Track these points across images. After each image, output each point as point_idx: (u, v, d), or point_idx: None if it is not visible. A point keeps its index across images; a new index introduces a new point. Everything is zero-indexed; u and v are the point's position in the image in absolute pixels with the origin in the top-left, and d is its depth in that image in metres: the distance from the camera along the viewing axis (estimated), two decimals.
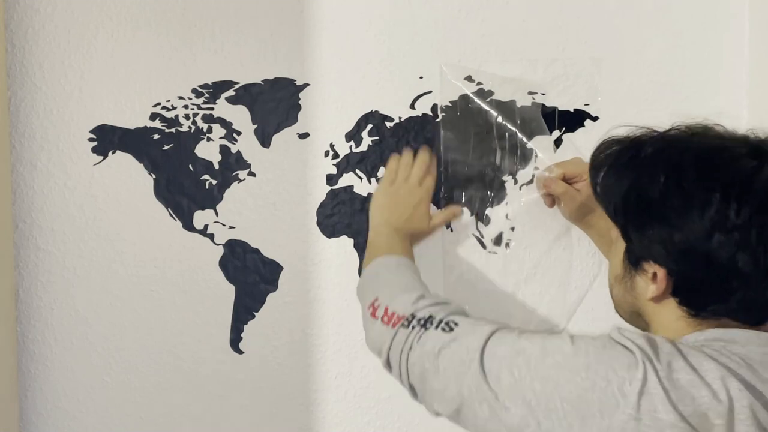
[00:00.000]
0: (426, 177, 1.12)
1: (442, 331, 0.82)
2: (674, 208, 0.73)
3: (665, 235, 0.73)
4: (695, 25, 1.17)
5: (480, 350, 0.78)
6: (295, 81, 1.15)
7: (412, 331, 0.84)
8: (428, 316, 0.85)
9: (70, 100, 1.14)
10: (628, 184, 0.78)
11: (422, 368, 0.82)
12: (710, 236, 0.71)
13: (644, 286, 0.78)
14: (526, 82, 1.16)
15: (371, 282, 0.98)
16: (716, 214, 0.71)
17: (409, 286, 0.93)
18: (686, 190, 0.73)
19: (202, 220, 1.17)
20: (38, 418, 1.18)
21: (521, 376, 0.74)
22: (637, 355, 0.70)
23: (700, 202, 0.72)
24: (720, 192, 0.71)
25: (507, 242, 1.18)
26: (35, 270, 1.16)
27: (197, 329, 1.18)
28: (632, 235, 0.78)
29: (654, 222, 0.75)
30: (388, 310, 0.89)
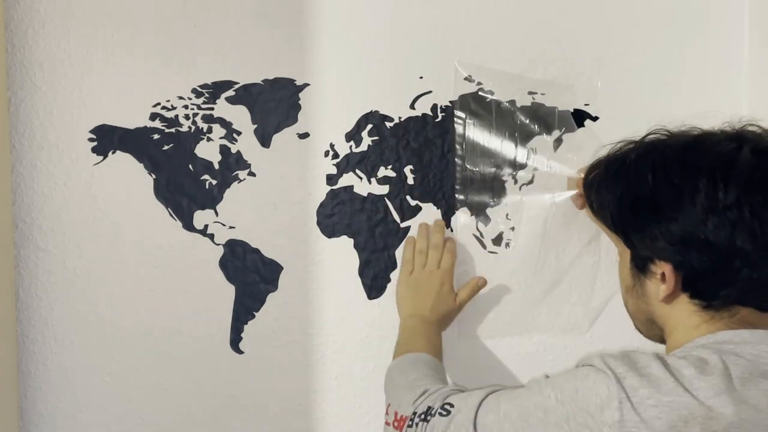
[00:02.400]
0: (444, 256, 1.12)
1: (441, 416, 0.84)
2: (666, 201, 0.75)
3: (664, 229, 0.75)
4: (695, 25, 1.17)
5: (473, 423, 0.80)
6: (295, 81, 1.15)
7: (417, 428, 0.87)
8: (426, 408, 0.87)
9: (70, 100, 1.13)
10: (621, 192, 0.81)
11: None
12: (705, 221, 0.72)
13: (654, 288, 0.79)
14: (526, 82, 1.16)
15: (387, 387, 1.00)
16: (706, 199, 0.73)
17: (414, 384, 0.93)
18: (673, 181, 0.75)
19: (202, 220, 1.17)
20: (38, 418, 1.18)
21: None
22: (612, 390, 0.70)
23: (689, 190, 0.74)
24: (705, 176, 0.73)
25: (507, 242, 1.18)
26: (35, 270, 1.16)
27: (197, 329, 1.18)
28: (633, 238, 0.80)
29: (651, 219, 0.77)
30: (396, 414, 0.92)
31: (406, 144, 1.17)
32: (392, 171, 1.17)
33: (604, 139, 1.15)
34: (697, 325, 0.77)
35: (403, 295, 1.13)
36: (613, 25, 1.17)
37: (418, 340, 1.05)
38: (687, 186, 0.74)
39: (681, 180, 0.75)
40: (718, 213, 0.72)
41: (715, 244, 0.72)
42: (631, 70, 1.17)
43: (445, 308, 1.10)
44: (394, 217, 1.18)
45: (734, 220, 0.72)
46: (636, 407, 0.69)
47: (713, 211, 0.72)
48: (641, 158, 0.80)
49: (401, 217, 1.18)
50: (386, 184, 1.18)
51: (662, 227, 0.75)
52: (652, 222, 0.76)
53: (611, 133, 1.15)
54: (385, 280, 1.18)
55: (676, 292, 0.77)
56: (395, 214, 1.18)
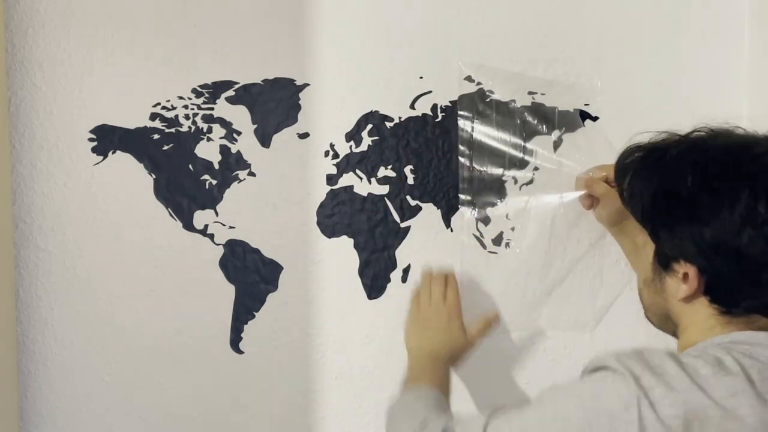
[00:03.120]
0: (447, 291, 1.09)
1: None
2: (704, 205, 0.75)
3: (696, 233, 0.75)
4: (695, 26, 1.17)
5: None
6: (295, 81, 1.15)
7: None
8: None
9: (70, 100, 1.14)
10: (656, 185, 0.80)
11: None
12: (741, 232, 0.72)
13: (675, 287, 0.79)
14: (526, 81, 1.16)
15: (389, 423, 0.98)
16: (746, 210, 0.72)
17: (414, 415, 0.92)
18: (714, 187, 0.75)
19: (202, 220, 1.17)
20: (38, 418, 1.18)
21: None
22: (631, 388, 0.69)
23: (729, 199, 0.73)
24: (748, 188, 0.73)
25: (507, 242, 1.18)
26: (35, 270, 1.16)
27: (197, 329, 1.18)
28: (662, 235, 0.79)
29: (684, 220, 0.76)
30: None
31: (406, 144, 1.17)
32: (392, 171, 1.17)
33: (603, 139, 1.16)
34: (712, 326, 0.77)
35: (410, 332, 1.09)
36: (613, 25, 1.17)
37: (424, 376, 1.02)
38: (727, 194, 0.73)
39: (722, 186, 0.74)
40: (755, 226, 0.72)
41: (747, 255, 0.72)
42: (631, 70, 1.17)
43: (455, 344, 1.06)
44: (394, 217, 1.18)
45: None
46: (653, 405, 0.68)
47: (751, 223, 0.72)
48: (683, 155, 0.79)
49: (401, 217, 1.18)
50: (386, 184, 1.18)
51: (694, 229, 0.75)
52: (684, 222, 0.76)
53: (611, 133, 1.16)
54: (385, 280, 1.18)
55: (697, 294, 0.77)
56: (395, 214, 1.18)
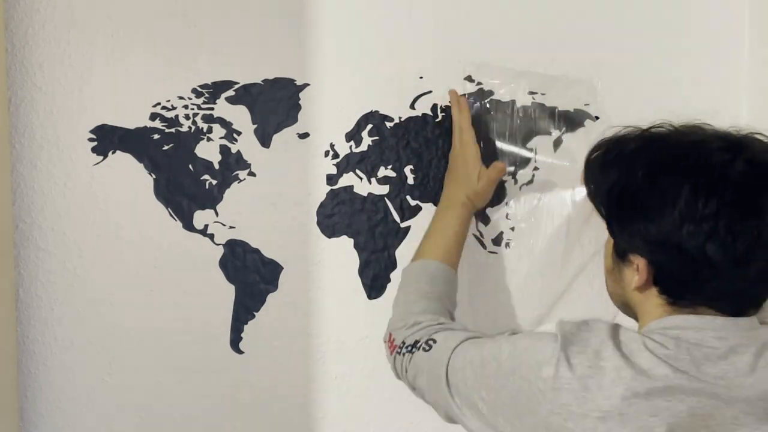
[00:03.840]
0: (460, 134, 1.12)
1: (423, 351, 0.90)
2: (649, 201, 0.77)
3: (642, 228, 0.77)
4: (695, 26, 1.17)
5: (446, 365, 0.86)
6: (295, 81, 1.15)
7: (404, 358, 0.93)
8: (413, 341, 0.93)
9: (70, 100, 1.13)
10: (612, 181, 0.82)
11: (418, 386, 0.92)
12: (680, 227, 0.74)
13: (630, 277, 0.82)
14: (526, 82, 1.16)
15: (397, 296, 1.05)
16: (685, 206, 0.74)
17: (408, 310, 0.99)
18: (659, 184, 0.77)
19: (202, 220, 1.17)
20: (38, 418, 1.18)
21: (472, 386, 0.82)
22: (555, 349, 0.75)
23: (671, 195, 0.75)
24: (689, 185, 0.75)
25: (507, 242, 1.18)
26: (35, 270, 1.16)
27: (197, 329, 1.18)
28: (615, 228, 0.83)
29: (633, 216, 0.79)
30: (390, 336, 0.99)
31: (406, 144, 1.17)
32: (392, 171, 1.17)
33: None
34: (660, 315, 0.80)
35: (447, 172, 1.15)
36: (613, 25, 1.17)
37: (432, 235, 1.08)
38: (671, 190, 0.75)
39: (667, 183, 0.76)
40: (694, 222, 0.74)
41: (687, 251, 0.74)
42: (631, 70, 1.17)
43: (471, 187, 1.10)
44: (394, 217, 1.18)
45: (708, 231, 0.73)
46: (572, 366, 0.74)
47: (690, 219, 0.74)
48: (638, 151, 0.82)
49: (401, 217, 1.18)
50: (386, 184, 1.18)
51: (641, 225, 0.77)
52: (633, 218, 0.79)
53: (611, 133, 1.15)
54: (385, 280, 1.19)
55: (648, 284, 0.80)
56: (395, 214, 1.18)
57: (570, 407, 0.73)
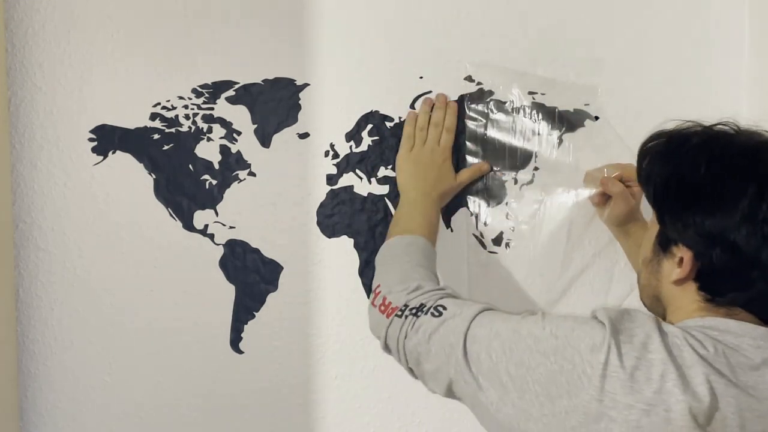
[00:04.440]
0: (443, 135, 1.13)
1: (432, 316, 0.86)
2: (711, 195, 0.77)
3: (698, 220, 0.76)
4: (695, 26, 1.17)
5: (464, 333, 0.82)
6: (295, 81, 1.15)
7: (405, 321, 0.88)
8: (419, 304, 0.89)
9: (70, 100, 1.14)
10: (671, 171, 0.82)
11: (417, 353, 0.87)
12: (740, 226, 0.74)
13: (669, 269, 0.81)
14: (526, 82, 1.16)
15: (379, 266, 1.02)
16: (749, 207, 0.74)
17: (407, 275, 0.96)
18: (724, 179, 0.77)
19: (202, 220, 1.17)
20: (38, 418, 1.18)
21: (498, 359, 0.79)
22: (605, 336, 0.73)
23: (735, 193, 0.75)
24: (756, 185, 0.74)
25: (507, 242, 1.18)
26: (35, 270, 1.16)
27: (197, 329, 1.18)
28: (667, 218, 0.81)
29: (690, 207, 0.78)
30: (385, 299, 0.93)
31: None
32: (392, 171, 1.17)
33: (604, 139, 1.16)
34: (695, 311, 0.79)
35: (403, 168, 1.13)
36: (613, 25, 1.17)
37: (415, 217, 1.07)
38: (735, 188, 0.75)
39: (731, 180, 0.76)
40: (755, 223, 0.73)
41: (741, 250, 0.74)
42: (631, 70, 1.17)
43: (446, 185, 1.12)
44: None
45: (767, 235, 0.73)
46: (621, 356, 0.72)
47: (751, 219, 0.73)
48: (703, 145, 0.81)
49: None
50: (386, 184, 1.18)
51: (697, 217, 0.76)
52: (689, 209, 0.78)
53: (611, 133, 1.16)
54: None
55: (688, 279, 0.79)
56: None
57: (615, 396, 0.71)
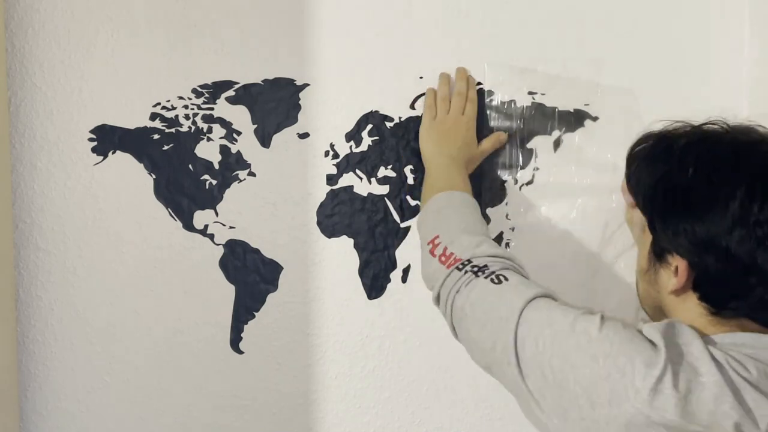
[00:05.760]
0: (468, 105, 1.12)
1: (491, 282, 0.81)
2: (700, 199, 0.73)
3: (689, 227, 0.73)
4: (695, 25, 1.17)
5: (519, 311, 0.77)
6: (295, 81, 1.16)
7: (464, 275, 0.84)
8: (483, 264, 0.84)
9: (70, 100, 1.14)
10: (659, 175, 0.79)
11: (464, 314, 0.82)
12: (731, 230, 0.71)
13: (667, 279, 0.78)
14: (525, 82, 1.16)
15: (434, 218, 0.96)
16: (739, 209, 0.71)
17: (471, 228, 0.91)
18: (713, 182, 0.73)
19: (202, 220, 1.17)
20: (38, 418, 1.18)
21: (543, 349, 0.74)
22: (661, 356, 0.69)
23: (725, 195, 0.72)
24: (745, 187, 0.71)
25: (507, 242, 1.18)
26: (35, 270, 1.16)
27: (197, 329, 1.18)
28: (657, 225, 0.78)
29: (679, 213, 0.75)
30: (447, 250, 0.88)
31: (406, 144, 1.17)
32: (392, 171, 1.17)
33: (603, 139, 1.16)
34: (705, 325, 0.76)
35: (427, 137, 1.10)
36: (613, 25, 1.17)
37: (454, 176, 1.03)
38: (724, 190, 0.72)
39: (720, 182, 0.73)
40: (747, 226, 0.70)
41: (735, 255, 0.71)
42: (631, 70, 1.17)
43: (471, 153, 1.09)
44: (394, 217, 1.18)
45: (761, 237, 0.70)
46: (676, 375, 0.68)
47: (743, 222, 0.70)
48: (690, 147, 0.78)
49: (401, 217, 1.18)
50: (386, 184, 1.18)
51: (688, 224, 0.74)
52: (679, 215, 0.75)
53: (611, 134, 1.16)
54: (385, 280, 1.19)
55: (686, 289, 0.76)
56: (395, 214, 1.18)
57: (665, 414, 0.67)
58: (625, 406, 0.68)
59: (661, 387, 0.67)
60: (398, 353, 1.19)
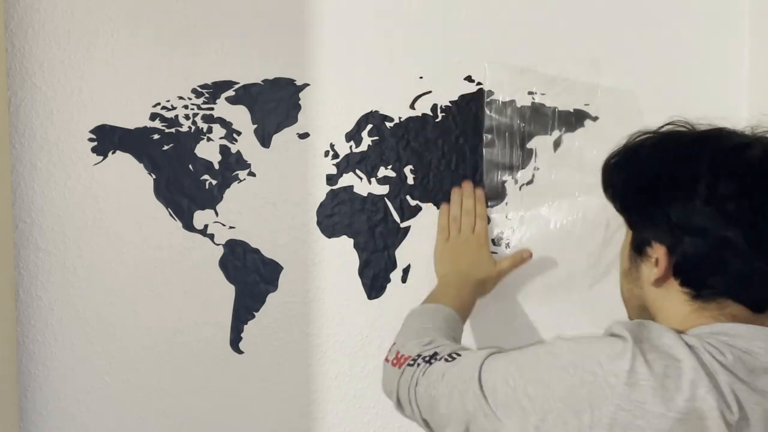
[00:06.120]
0: (477, 222, 1.14)
1: (445, 362, 0.84)
2: (669, 184, 0.77)
3: (663, 213, 0.77)
4: (695, 25, 1.17)
5: (479, 367, 0.80)
6: (295, 81, 1.16)
7: (417, 368, 0.87)
8: (433, 353, 0.87)
9: (70, 100, 1.14)
10: (630, 173, 0.83)
11: (429, 397, 0.84)
12: (702, 208, 0.74)
13: (648, 271, 0.81)
14: (526, 81, 1.16)
15: (400, 330, 1.00)
16: (707, 188, 0.74)
17: (425, 332, 0.94)
18: (679, 166, 0.77)
19: (202, 220, 1.17)
20: (38, 418, 1.18)
21: (516, 384, 0.76)
22: (627, 345, 0.71)
23: (691, 176, 0.75)
24: (708, 165, 0.75)
25: (507, 242, 1.18)
26: (35, 270, 1.16)
27: (197, 329, 1.18)
28: (634, 218, 0.82)
29: (653, 201, 0.78)
30: (398, 353, 0.92)
31: (406, 144, 1.17)
32: (392, 171, 1.17)
33: (604, 139, 1.16)
34: (686, 315, 0.78)
35: (440, 259, 1.14)
36: (613, 25, 1.17)
37: (448, 293, 1.06)
38: (690, 172, 0.76)
39: (686, 165, 0.76)
40: (715, 203, 0.74)
41: (708, 232, 0.74)
42: (631, 70, 1.17)
43: (484, 272, 1.11)
44: (394, 217, 1.18)
45: (730, 211, 0.73)
46: (649, 363, 0.70)
47: (711, 200, 0.74)
48: (655, 144, 0.82)
49: (401, 217, 1.18)
50: (386, 184, 1.18)
51: (662, 209, 0.77)
52: (653, 203, 0.78)
53: (611, 134, 1.15)
54: (385, 280, 1.19)
55: (667, 276, 0.79)
56: (395, 214, 1.18)
57: (644, 405, 0.68)
58: (605, 407, 0.70)
59: (636, 378, 0.69)
60: None
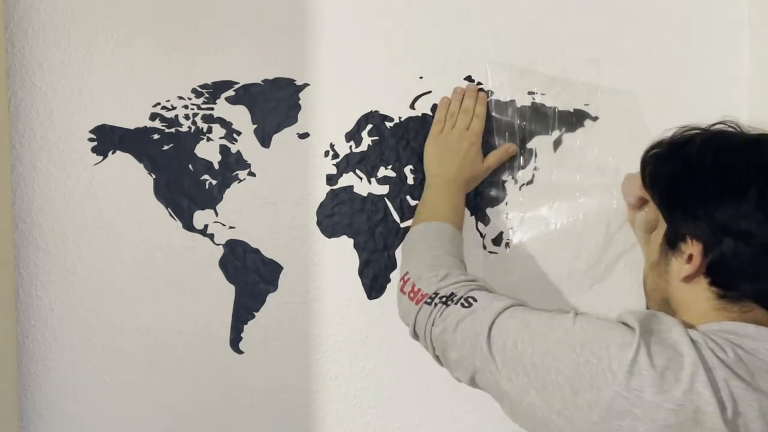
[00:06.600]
0: (474, 120, 1.13)
1: (462, 307, 0.86)
2: (720, 184, 0.78)
3: (708, 211, 0.77)
4: (695, 26, 1.17)
5: (490, 323, 0.82)
6: (295, 81, 1.16)
7: (434, 309, 0.88)
8: (450, 293, 0.89)
9: (70, 100, 1.14)
10: (678, 167, 0.83)
11: (443, 341, 0.87)
12: (753, 213, 0.75)
13: (678, 267, 0.82)
14: (526, 82, 1.16)
15: (407, 253, 1.02)
16: (757, 193, 0.75)
17: (438, 262, 0.95)
18: (732, 168, 0.78)
19: (202, 220, 1.17)
20: (38, 418, 1.18)
21: (523, 349, 0.78)
22: (635, 335, 0.72)
23: (746, 180, 0.76)
24: (764, 173, 0.76)
25: (507, 242, 1.18)
26: (35, 270, 1.16)
27: (197, 329, 1.18)
28: (676, 212, 0.82)
29: (700, 197, 0.79)
30: (414, 287, 0.93)
31: (406, 144, 1.17)
32: (392, 171, 1.17)
33: (604, 139, 1.16)
34: (708, 311, 0.79)
35: (430, 153, 1.13)
36: (613, 25, 1.17)
37: (441, 203, 1.06)
38: (745, 176, 0.76)
39: (739, 168, 0.77)
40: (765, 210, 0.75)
41: (754, 237, 0.75)
42: (631, 70, 1.17)
43: (472, 170, 1.11)
44: (394, 217, 1.18)
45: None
46: (651, 355, 0.71)
47: (760, 208, 0.75)
48: (707, 140, 0.82)
49: (401, 217, 1.18)
50: (386, 184, 1.18)
51: (709, 207, 0.77)
52: (700, 200, 0.79)
53: (611, 133, 1.16)
54: (385, 280, 1.19)
55: (698, 274, 0.79)
56: (395, 214, 1.18)
57: (642, 394, 0.70)
58: (605, 391, 0.71)
59: (637, 368, 0.71)
60: (398, 353, 1.19)
